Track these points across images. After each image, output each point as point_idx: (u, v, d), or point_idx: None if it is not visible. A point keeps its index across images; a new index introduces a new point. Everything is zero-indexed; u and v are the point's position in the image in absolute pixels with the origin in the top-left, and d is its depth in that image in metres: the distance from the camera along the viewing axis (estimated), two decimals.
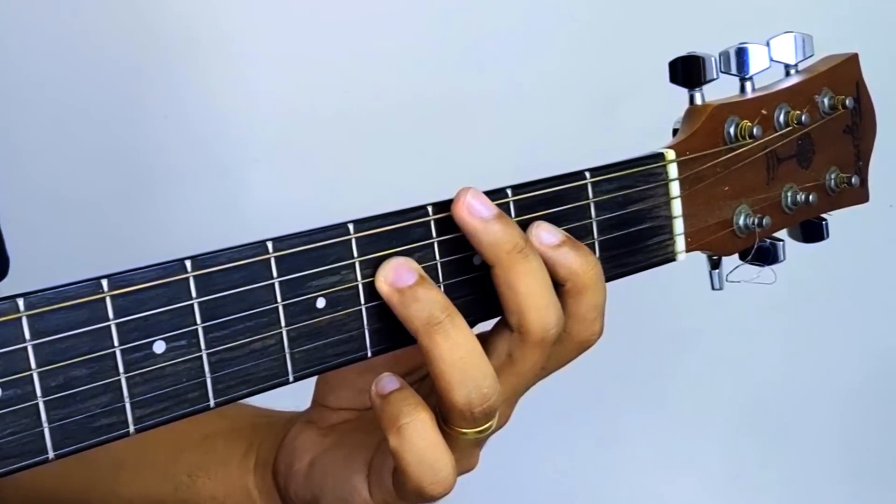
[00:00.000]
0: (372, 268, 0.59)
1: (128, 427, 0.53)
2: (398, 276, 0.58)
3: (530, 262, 0.60)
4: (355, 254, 0.59)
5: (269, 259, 0.56)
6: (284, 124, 1.44)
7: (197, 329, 0.54)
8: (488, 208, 0.60)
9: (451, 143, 1.48)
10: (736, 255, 0.74)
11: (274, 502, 0.72)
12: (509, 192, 0.63)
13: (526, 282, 0.60)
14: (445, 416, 0.61)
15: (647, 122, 0.80)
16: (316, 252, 0.57)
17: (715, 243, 0.71)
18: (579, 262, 0.62)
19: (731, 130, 0.71)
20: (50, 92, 1.34)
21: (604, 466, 1.65)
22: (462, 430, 0.61)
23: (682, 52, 0.73)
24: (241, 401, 0.71)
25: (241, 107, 1.43)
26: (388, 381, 0.60)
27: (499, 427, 0.64)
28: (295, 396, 0.70)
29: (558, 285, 0.62)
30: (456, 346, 0.58)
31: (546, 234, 0.62)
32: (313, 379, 0.60)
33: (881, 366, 1.68)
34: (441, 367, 0.58)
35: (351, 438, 0.68)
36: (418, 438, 0.59)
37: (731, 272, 0.74)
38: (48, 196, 1.33)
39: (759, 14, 1.43)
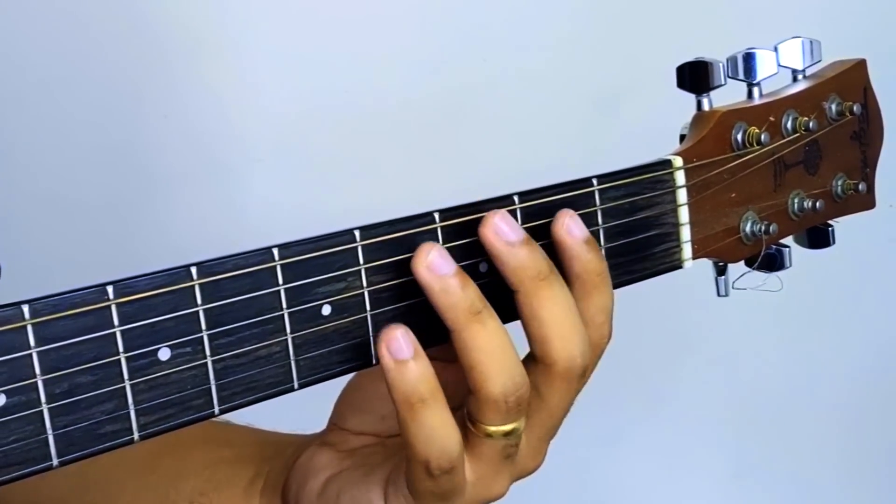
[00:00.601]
0: (378, 274, 0.59)
1: (132, 434, 0.53)
2: (439, 263, 0.58)
3: (554, 288, 0.60)
4: (361, 261, 0.58)
5: (274, 266, 0.56)
6: (285, 124, 1.43)
7: (202, 336, 0.54)
8: (516, 232, 0.59)
9: (451, 142, 1.48)
10: (742, 262, 0.74)
11: None
12: (516, 198, 0.62)
13: (550, 308, 0.60)
14: (475, 413, 0.60)
15: (649, 122, 0.80)
16: (322, 259, 0.57)
17: (722, 250, 0.71)
18: (595, 262, 0.62)
19: (739, 137, 0.71)
20: (49, 92, 1.34)
21: (604, 467, 1.65)
22: (492, 427, 0.60)
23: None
24: (250, 425, 0.70)
25: (242, 107, 1.42)
26: (403, 343, 0.57)
27: (531, 467, 0.65)
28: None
29: (567, 282, 0.62)
30: (494, 335, 0.58)
31: (575, 227, 0.62)
32: (318, 390, 0.60)
33: (881, 366, 1.68)
34: (478, 358, 0.58)
35: (371, 459, 0.67)
36: (431, 418, 0.58)
37: (737, 279, 0.74)
38: (47, 196, 1.33)
39: (766, 19, 1.42)
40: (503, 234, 0.59)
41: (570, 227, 0.62)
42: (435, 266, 0.58)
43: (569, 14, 1.48)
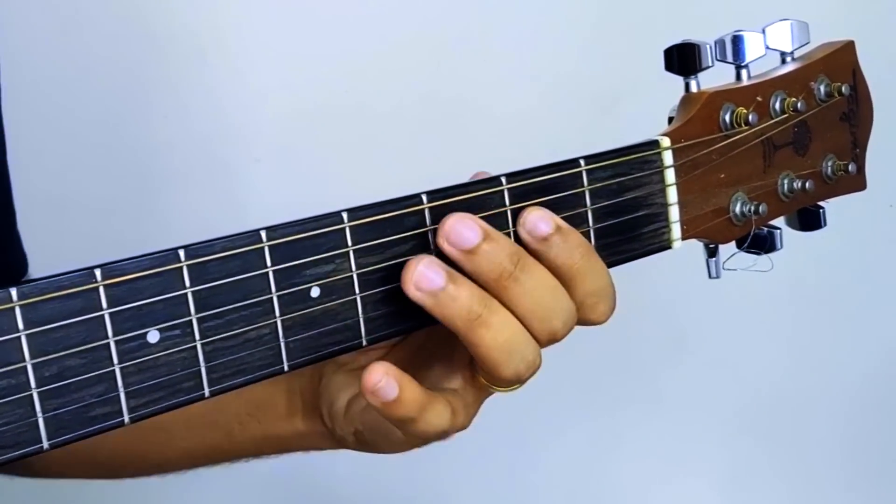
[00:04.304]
0: (367, 256, 0.59)
1: (122, 416, 0.53)
2: (428, 280, 0.58)
3: (522, 283, 0.60)
4: (349, 242, 0.58)
5: (262, 248, 0.56)
6: (286, 124, 1.44)
7: (191, 319, 0.54)
8: (474, 234, 0.59)
9: (451, 141, 1.48)
10: (733, 244, 0.74)
11: (325, 439, 0.74)
12: (504, 179, 0.63)
13: (520, 302, 0.60)
14: (487, 379, 0.62)
15: (646, 120, 0.80)
16: (310, 241, 0.57)
17: (711, 231, 0.71)
18: (563, 256, 0.62)
19: (727, 117, 0.71)
20: (50, 92, 1.34)
21: (604, 467, 1.65)
22: (503, 388, 0.63)
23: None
24: None
25: (242, 106, 1.43)
26: (388, 387, 0.59)
27: None
28: None
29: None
30: (500, 332, 0.59)
31: (539, 223, 0.62)
32: None
33: (882, 366, 1.67)
34: (487, 354, 0.59)
35: None
36: (426, 418, 0.61)
37: (727, 259, 0.74)
38: (48, 196, 1.33)
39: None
40: (458, 242, 0.59)
41: (528, 224, 0.62)
42: (422, 283, 0.58)
43: (569, 14, 1.49)
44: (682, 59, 0.72)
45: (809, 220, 0.78)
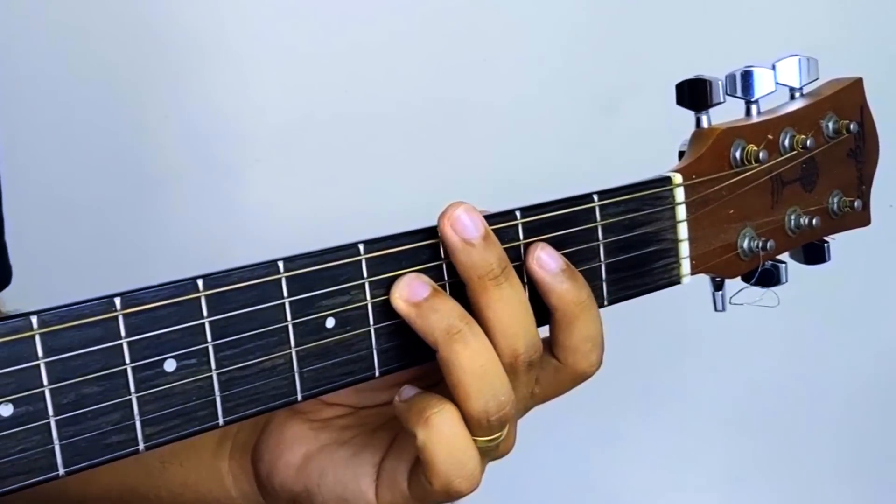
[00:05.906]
0: (382, 288, 0.59)
1: (138, 445, 0.53)
2: (412, 290, 0.59)
3: (502, 289, 0.60)
4: (365, 274, 0.59)
5: (279, 278, 0.57)
6: (285, 125, 1.44)
7: (207, 348, 0.55)
8: (476, 228, 0.59)
9: (450, 144, 1.48)
10: (739, 277, 0.75)
11: (249, 487, 0.71)
12: (518, 214, 0.63)
13: (495, 309, 0.60)
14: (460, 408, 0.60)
15: (649, 123, 0.80)
16: (326, 272, 0.58)
17: (719, 266, 0.72)
18: (572, 293, 0.62)
19: (738, 154, 0.72)
20: (50, 93, 1.34)
21: (604, 468, 1.65)
22: (474, 438, 0.61)
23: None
24: None
25: (241, 107, 1.43)
26: (410, 388, 0.61)
27: (502, 452, 0.64)
28: None
29: (548, 312, 0.63)
30: (476, 354, 0.59)
31: (547, 259, 0.62)
32: None
33: (881, 366, 1.68)
34: (460, 377, 0.59)
35: (355, 438, 0.68)
36: (446, 428, 0.59)
37: (734, 295, 0.74)
38: (48, 197, 1.33)
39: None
40: (461, 229, 0.59)
41: (541, 260, 0.62)
42: (406, 293, 0.59)
43: (570, 15, 1.49)
44: (694, 94, 0.72)
45: (814, 254, 0.79)
